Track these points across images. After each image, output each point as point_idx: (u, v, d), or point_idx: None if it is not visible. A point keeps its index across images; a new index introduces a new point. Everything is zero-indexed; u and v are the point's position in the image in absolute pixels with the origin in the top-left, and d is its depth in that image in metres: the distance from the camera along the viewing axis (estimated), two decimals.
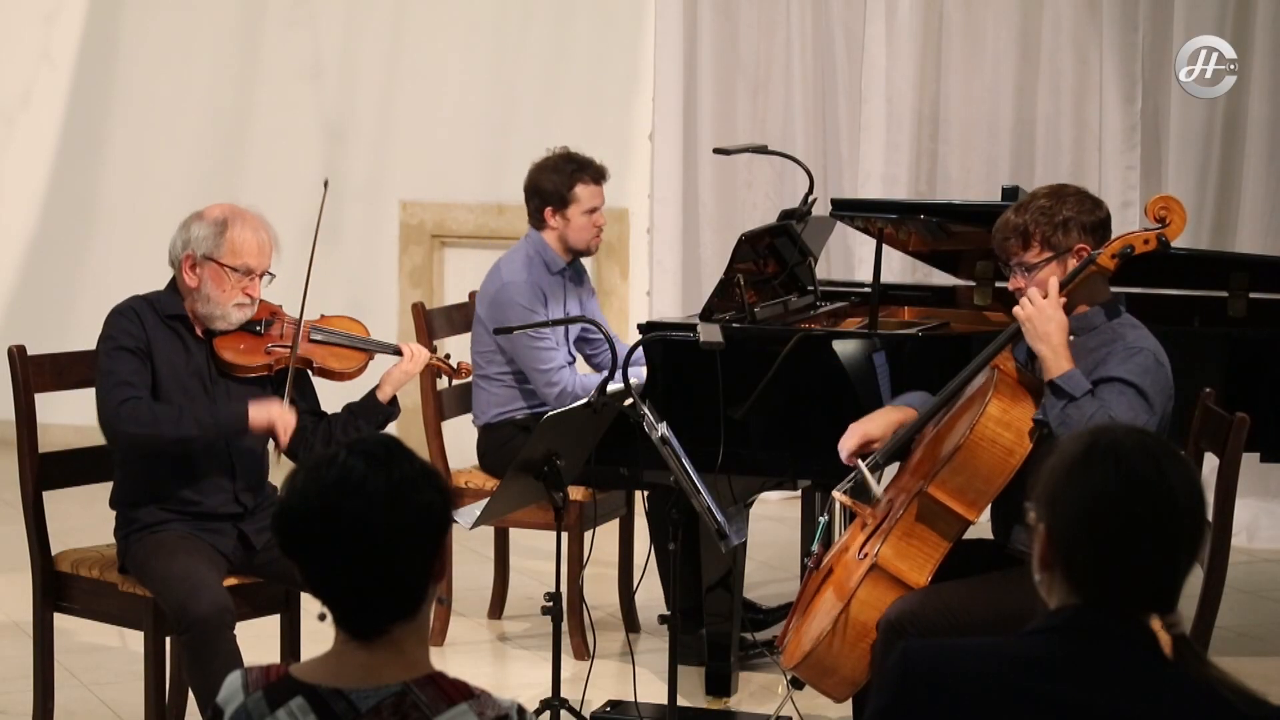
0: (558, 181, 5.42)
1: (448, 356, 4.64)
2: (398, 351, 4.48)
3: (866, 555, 3.94)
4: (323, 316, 4.47)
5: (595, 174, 5.47)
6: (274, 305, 4.40)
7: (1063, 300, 3.87)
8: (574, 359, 5.54)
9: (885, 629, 3.82)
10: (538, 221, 5.48)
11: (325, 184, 4.40)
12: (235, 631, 4.08)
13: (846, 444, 4.13)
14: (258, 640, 4.26)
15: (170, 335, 4.27)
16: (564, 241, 5.46)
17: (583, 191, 5.44)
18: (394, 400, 4.44)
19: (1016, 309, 3.89)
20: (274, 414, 4.20)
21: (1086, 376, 3.81)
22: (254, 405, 4.21)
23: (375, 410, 4.42)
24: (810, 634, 3.96)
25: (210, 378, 4.30)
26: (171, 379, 4.24)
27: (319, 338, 4.40)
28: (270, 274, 4.32)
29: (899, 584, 3.88)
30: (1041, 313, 3.83)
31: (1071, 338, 3.92)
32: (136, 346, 4.21)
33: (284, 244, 4.40)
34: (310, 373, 4.42)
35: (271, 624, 4.45)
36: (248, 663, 3.70)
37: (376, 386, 4.44)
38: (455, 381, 4.74)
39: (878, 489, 4.02)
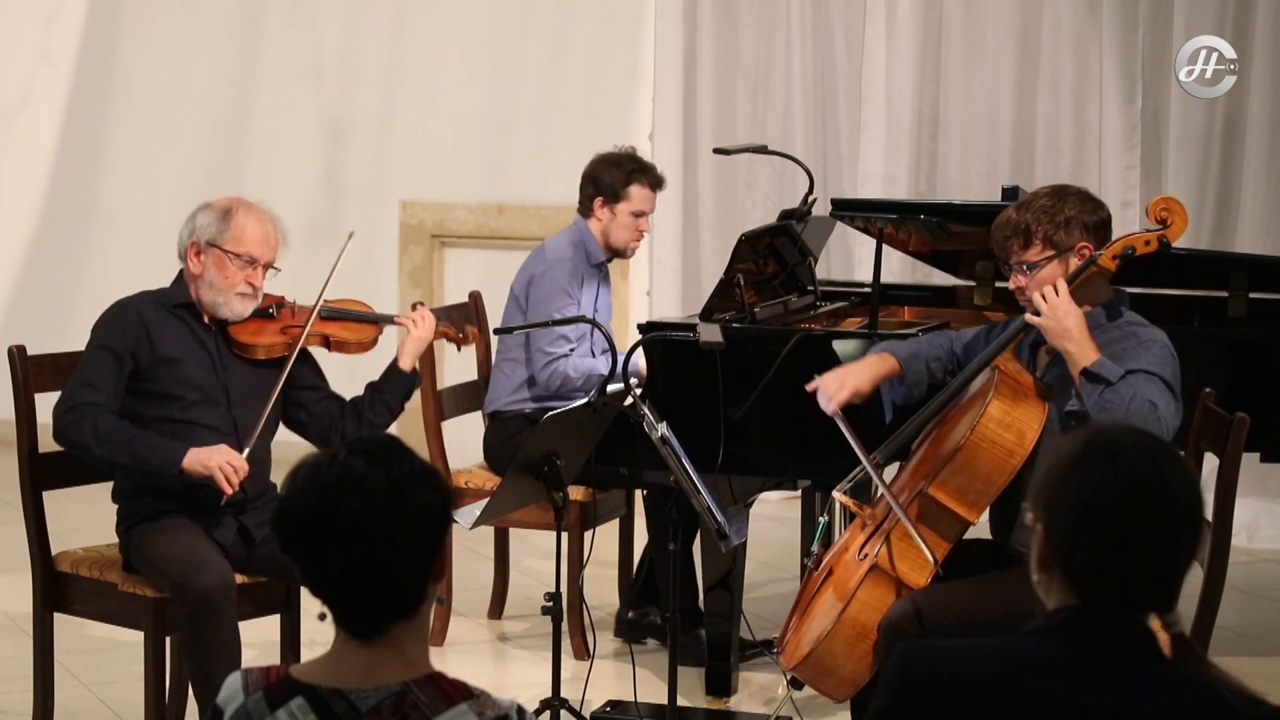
0: (616, 176, 5.45)
1: (459, 327, 4.71)
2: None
3: (866, 556, 3.94)
4: (326, 301, 4.51)
5: (653, 180, 5.51)
6: (278, 296, 4.44)
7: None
8: (592, 354, 5.53)
9: (886, 630, 3.82)
10: (586, 210, 5.51)
11: (350, 235, 4.54)
12: (235, 613, 4.09)
13: (835, 396, 4.08)
14: (258, 640, 4.26)
15: (178, 323, 4.31)
16: (605, 236, 5.49)
17: (636, 192, 5.46)
18: (415, 369, 4.52)
19: (1029, 316, 3.88)
20: (214, 462, 4.13)
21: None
22: (195, 451, 4.14)
23: (399, 381, 4.49)
24: (810, 634, 3.96)
25: (221, 362, 4.32)
26: (179, 365, 4.25)
27: (329, 314, 4.49)
28: (275, 268, 4.34)
29: (899, 584, 3.88)
30: (1057, 310, 3.82)
31: None
32: (121, 348, 4.23)
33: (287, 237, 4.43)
34: (328, 349, 4.47)
35: (271, 624, 4.45)
36: (248, 662, 3.71)
37: (395, 359, 4.51)
38: (464, 347, 4.79)
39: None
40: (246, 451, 4.23)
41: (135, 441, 4.15)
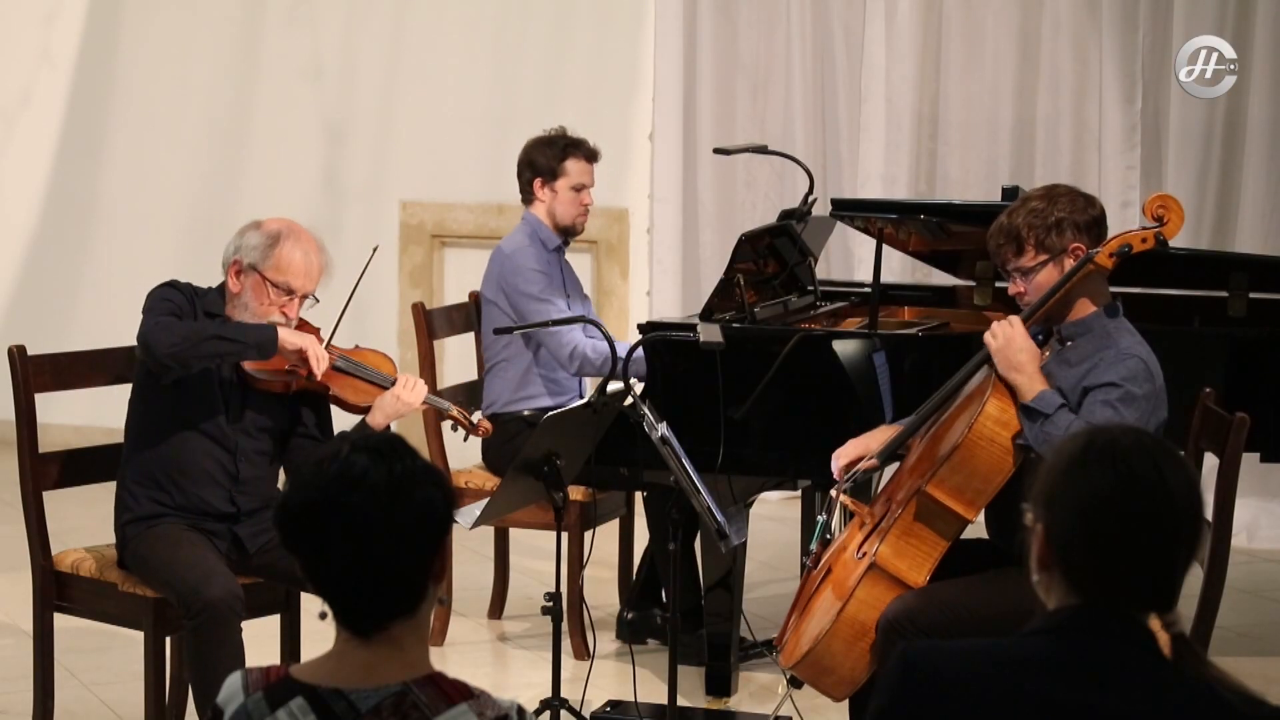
0: (549, 155, 5.49)
1: (471, 413, 4.62)
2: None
3: (865, 555, 3.94)
4: (357, 348, 4.45)
5: (587, 152, 5.53)
6: (314, 327, 4.38)
7: (1050, 312, 3.92)
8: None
9: (884, 628, 3.83)
10: (528, 196, 5.53)
11: (375, 249, 4.45)
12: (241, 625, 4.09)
13: (841, 458, 4.16)
14: (258, 640, 4.26)
15: None
16: (552, 217, 5.50)
17: (573, 166, 5.49)
18: (387, 429, 4.36)
19: (987, 336, 3.90)
20: (307, 341, 4.19)
21: (1078, 384, 3.82)
22: (287, 329, 4.20)
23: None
24: (809, 633, 3.96)
25: (231, 380, 4.30)
26: (191, 378, 4.23)
27: (342, 366, 4.38)
28: (315, 298, 4.31)
29: (898, 583, 3.88)
30: (1010, 344, 3.86)
31: (1069, 343, 3.92)
32: (181, 304, 4.22)
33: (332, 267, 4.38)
34: (326, 398, 4.41)
35: (271, 624, 4.45)
36: (248, 663, 3.71)
37: (370, 413, 4.38)
38: (473, 437, 4.69)
39: (837, 521, 4.08)
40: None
41: (224, 325, 4.17)
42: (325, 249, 4.33)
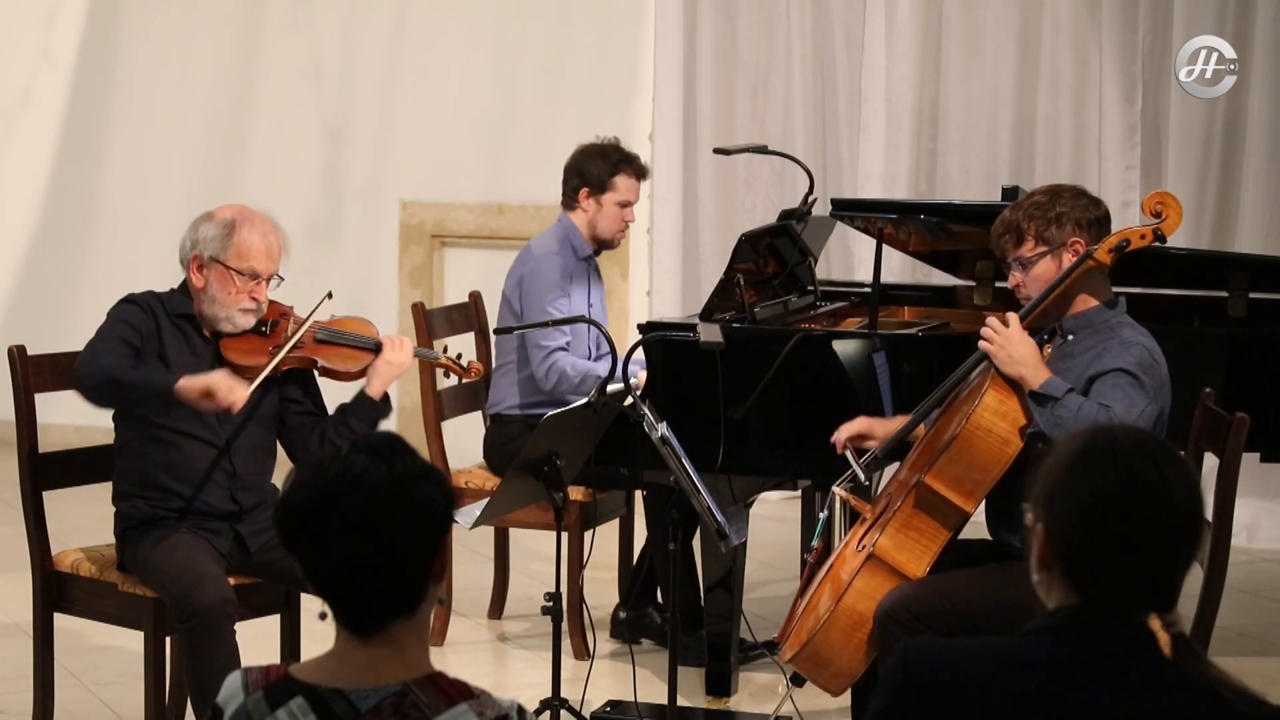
0: (601, 167, 5.45)
1: (459, 356, 4.62)
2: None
3: (865, 546, 3.95)
4: (333, 318, 4.43)
5: (638, 169, 5.51)
6: (285, 306, 4.38)
7: (1043, 315, 3.94)
8: (589, 355, 5.52)
9: (882, 618, 3.84)
10: (570, 203, 5.50)
11: (328, 295, 4.37)
12: (235, 628, 4.08)
13: (845, 429, 4.19)
14: (258, 640, 4.26)
15: (177, 335, 4.26)
16: (592, 228, 5.48)
17: (622, 182, 5.46)
18: (385, 397, 4.38)
19: (982, 342, 3.91)
20: (213, 380, 4.03)
21: (1083, 374, 3.82)
22: (189, 376, 4.06)
23: (366, 407, 4.36)
24: (807, 625, 3.97)
25: None
26: (174, 375, 4.23)
27: (324, 337, 4.37)
28: (279, 277, 4.31)
29: (897, 574, 3.89)
30: (1008, 341, 3.86)
31: (1070, 337, 3.93)
32: (139, 326, 4.20)
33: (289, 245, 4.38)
34: (316, 373, 4.40)
35: (271, 624, 4.45)
36: (247, 663, 3.71)
37: (366, 383, 4.39)
38: (465, 381, 4.71)
39: (863, 475, 4.08)
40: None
41: (137, 370, 4.11)
42: (280, 227, 4.31)
